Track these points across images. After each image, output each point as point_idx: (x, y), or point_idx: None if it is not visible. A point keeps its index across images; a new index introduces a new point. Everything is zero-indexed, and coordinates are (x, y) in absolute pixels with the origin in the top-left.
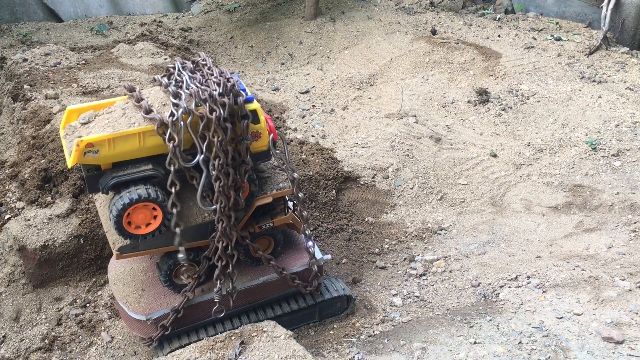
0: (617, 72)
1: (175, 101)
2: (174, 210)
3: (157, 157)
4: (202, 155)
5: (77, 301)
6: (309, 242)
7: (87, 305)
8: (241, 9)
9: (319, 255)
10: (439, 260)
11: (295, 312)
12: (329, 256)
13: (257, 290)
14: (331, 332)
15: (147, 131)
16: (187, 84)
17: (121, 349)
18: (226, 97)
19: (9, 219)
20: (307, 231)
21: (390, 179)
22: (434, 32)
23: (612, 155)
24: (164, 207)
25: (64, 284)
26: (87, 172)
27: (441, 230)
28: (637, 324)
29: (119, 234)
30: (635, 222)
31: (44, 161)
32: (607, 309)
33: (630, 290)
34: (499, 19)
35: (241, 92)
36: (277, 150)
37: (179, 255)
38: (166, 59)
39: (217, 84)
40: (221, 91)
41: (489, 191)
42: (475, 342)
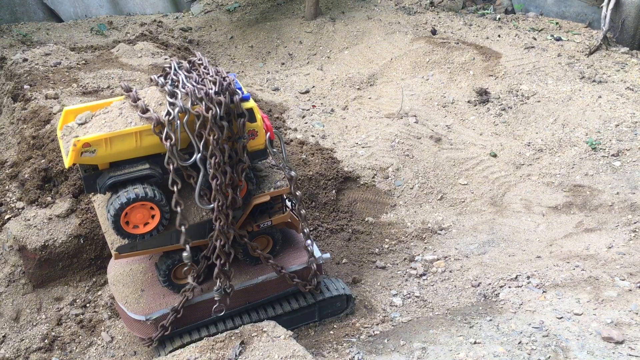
0: (617, 72)
1: (171, 100)
2: (178, 208)
3: (153, 157)
4: (199, 153)
5: (77, 301)
6: (308, 240)
7: (87, 305)
8: (241, 9)
9: (318, 253)
10: (439, 260)
11: (295, 312)
12: (328, 255)
13: (256, 289)
14: (331, 332)
15: (143, 130)
16: (183, 83)
17: (121, 349)
18: (222, 96)
19: (9, 219)
20: (305, 229)
21: (390, 179)
22: (434, 32)
23: (612, 155)
24: (161, 207)
25: (64, 284)
26: (85, 172)
27: (441, 230)
28: (637, 324)
29: (117, 234)
30: (635, 222)
31: (44, 161)
32: (607, 309)
33: (630, 290)
34: (499, 19)
35: (237, 90)
36: (274, 148)
37: (184, 254)
38: (166, 59)
39: (213, 83)
40: (217, 90)
41: (489, 191)
42: (475, 342)
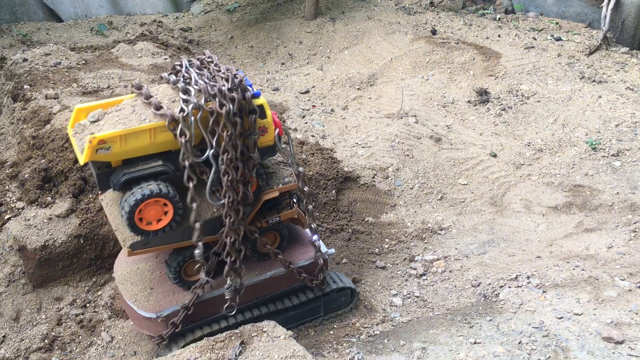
0: (617, 72)
1: (185, 97)
2: (194, 205)
3: (165, 154)
4: (212, 150)
5: (77, 301)
6: (315, 235)
7: (87, 305)
8: (241, 9)
9: (324, 248)
10: (439, 260)
11: (301, 306)
12: (333, 250)
13: (263, 285)
14: (331, 332)
15: (157, 127)
16: (195, 80)
17: (121, 349)
18: (235, 92)
19: (9, 219)
20: (312, 225)
21: (390, 179)
22: (434, 32)
23: (612, 155)
24: (175, 203)
25: (64, 284)
26: (98, 169)
27: (441, 230)
28: (637, 324)
29: (131, 230)
30: (635, 222)
31: (44, 161)
32: (607, 309)
33: (630, 290)
34: (499, 19)
35: (248, 87)
36: (282, 144)
37: (196, 250)
38: (166, 59)
39: (226, 80)
40: (230, 86)
41: (489, 191)
42: (475, 342)
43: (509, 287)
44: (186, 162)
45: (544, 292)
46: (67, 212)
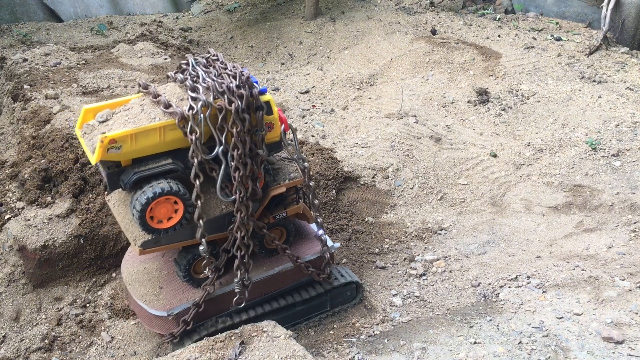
0: (617, 72)
1: (193, 95)
2: (199, 202)
3: (174, 152)
4: (221, 146)
5: (77, 301)
6: (321, 230)
7: (87, 305)
8: (241, 9)
9: (330, 243)
10: (439, 260)
11: (309, 301)
12: (338, 244)
13: (272, 281)
14: (331, 332)
15: (167, 125)
16: (202, 78)
17: (121, 349)
18: (243, 89)
19: (9, 219)
20: (319, 219)
21: (390, 179)
22: (434, 32)
23: (612, 155)
24: (185, 200)
25: (64, 284)
26: (108, 169)
27: (441, 230)
28: (637, 324)
29: (142, 229)
30: (635, 222)
31: (44, 161)
32: (607, 309)
33: (630, 290)
34: (499, 19)
35: (255, 84)
36: (288, 140)
37: (200, 247)
38: (166, 59)
39: (233, 77)
40: (238, 83)
41: (489, 191)
42: (475, 342)
43: (509, 287)
44: (195, 160)
45: (544, 292)
46: (67, 212)
